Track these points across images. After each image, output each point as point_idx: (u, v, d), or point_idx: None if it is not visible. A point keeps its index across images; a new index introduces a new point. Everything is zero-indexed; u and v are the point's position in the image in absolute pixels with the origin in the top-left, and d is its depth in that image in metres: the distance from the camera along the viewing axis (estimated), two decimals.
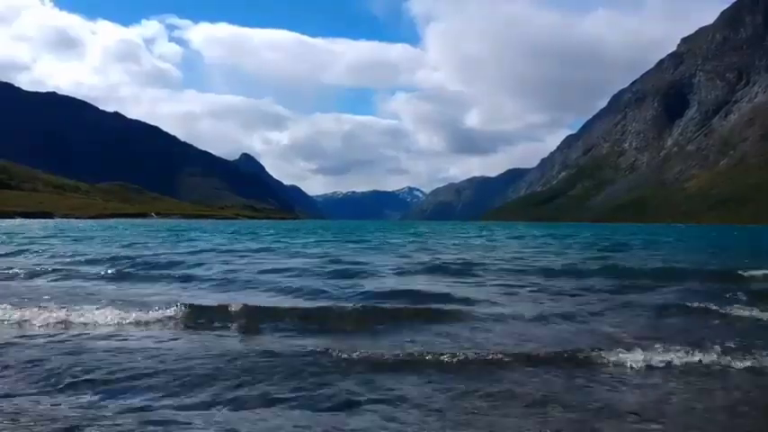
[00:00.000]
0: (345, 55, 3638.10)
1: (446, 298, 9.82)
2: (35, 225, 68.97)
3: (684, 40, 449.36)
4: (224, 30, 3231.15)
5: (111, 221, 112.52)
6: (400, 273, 14.57)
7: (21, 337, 6.68)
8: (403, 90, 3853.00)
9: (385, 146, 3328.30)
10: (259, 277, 12.88)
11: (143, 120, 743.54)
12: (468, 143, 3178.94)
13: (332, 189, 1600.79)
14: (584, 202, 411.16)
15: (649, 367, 5.46)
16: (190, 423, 4.06)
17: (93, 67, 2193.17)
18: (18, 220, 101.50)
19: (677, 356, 5.68)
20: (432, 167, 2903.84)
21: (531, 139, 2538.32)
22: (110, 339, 6.56)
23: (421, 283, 12.25)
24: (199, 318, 7.70)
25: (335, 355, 5.69)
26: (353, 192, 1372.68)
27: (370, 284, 11.79)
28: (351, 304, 8.78)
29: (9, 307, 8.04)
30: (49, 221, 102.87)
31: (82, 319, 7.42)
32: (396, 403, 4.54)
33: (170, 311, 7.72)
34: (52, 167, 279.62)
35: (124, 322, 7.38)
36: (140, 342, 6.46)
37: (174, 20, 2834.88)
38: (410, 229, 74.19)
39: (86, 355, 5.72)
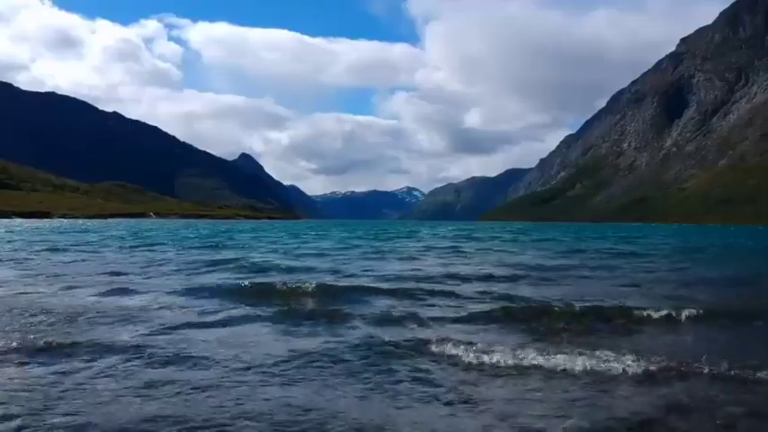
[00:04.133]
0: (345, 55, 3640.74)
1: None
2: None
3: (684, 41, 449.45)
4: (223, 29, 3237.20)
5: (112, 221, 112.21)
6: None
7: None
8: (403, 90, 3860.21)
9: (385, 146, 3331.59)
10: None
11: (143, 119, 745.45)
12: (468, 143, 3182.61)
13: (331, 189, 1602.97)
14: (584, 203, 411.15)
15: None
16: None
17: (93, 67, 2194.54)
18: (19, 221, 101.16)
19: None
20: (431, 167, 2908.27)
21: (531, 139, 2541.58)
22: None
23: None
24: None
25: None
26: (353, 192, 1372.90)
27: None
28: None
29: None
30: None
31: None
32: None
33: None
34: (51, 167, 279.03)
35: None
36: None
37: (173, 19, 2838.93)
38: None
39: None
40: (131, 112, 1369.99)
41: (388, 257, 21.12)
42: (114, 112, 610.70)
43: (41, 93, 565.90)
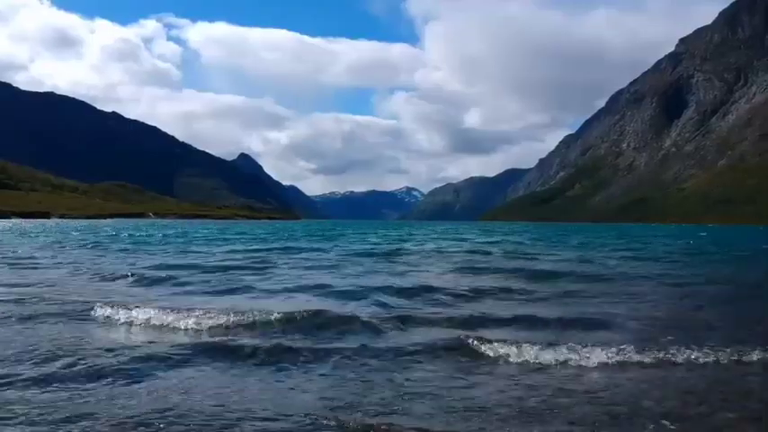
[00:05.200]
0: (345, 55, 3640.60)
1: None
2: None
3: (683, 41, 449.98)
4: (222, 29, 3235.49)
5: (111, 221, 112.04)
6: None
7: None
8: (402, 90, 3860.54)
9: (384, 146, 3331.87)
10: None
11: (142, 119, 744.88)
12: (467, 143, 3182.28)
13: (330, 189, 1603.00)
14: (583, 203, 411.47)
15: None
16: None
17: (92, 67, 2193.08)
18: (14, 220, 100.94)
19: None
20: (431, 167, 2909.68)
21: (530, 139, 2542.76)
22: None
23: None
24: None
25: None
26: (352, 192, 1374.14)
27: None
28: None
29: None
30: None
31: None
32: None
33: None
34: (50, 167, 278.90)
35: None
36: None
37: (172, 19, 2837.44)
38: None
39: None
40: (130, 112, 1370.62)
41: (361, 265, 17.67)
42: (113, 112, 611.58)
43: (40, 93, 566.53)
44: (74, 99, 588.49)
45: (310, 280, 13.12)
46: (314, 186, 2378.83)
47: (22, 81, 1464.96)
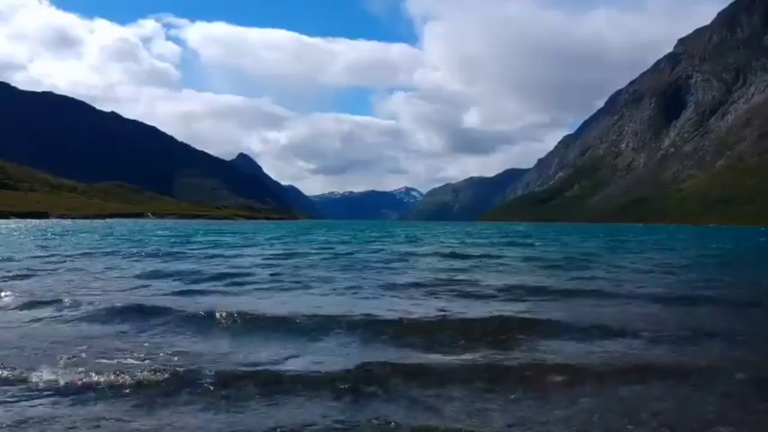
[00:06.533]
0: (344, 55, 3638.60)
1: None
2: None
3: (681, 41, 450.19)
4: (221, 29, 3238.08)
5: (110, 221, 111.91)
6: None
7: None
8: (401, 90, 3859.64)
9: (383, 146, 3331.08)
10: None
11: (141, 119, 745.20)
12: (466, 143, 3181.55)
13: (330, 189, 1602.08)
14: (582, 203, 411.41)
15: None
16: None
17: (91, 67, 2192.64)
18: (13, 221, 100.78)
19: None
20: (430, 167, 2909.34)
21: (530, 140, 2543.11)
22: None
23: None
24: None
25: None
26: (351, 192, 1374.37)
27: None
28: None
29: None
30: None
31: None
32: None
33: None
34: (49, 167, 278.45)
35: None
36: None
37: (171, 18, 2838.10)
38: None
39: None
40: (129, 112, 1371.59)
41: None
42: (112, 112, 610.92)
43: (39, 92, 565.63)
44: (73, 99, 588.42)
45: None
46: (313, 186, 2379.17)
47: (20, 81, 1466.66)
